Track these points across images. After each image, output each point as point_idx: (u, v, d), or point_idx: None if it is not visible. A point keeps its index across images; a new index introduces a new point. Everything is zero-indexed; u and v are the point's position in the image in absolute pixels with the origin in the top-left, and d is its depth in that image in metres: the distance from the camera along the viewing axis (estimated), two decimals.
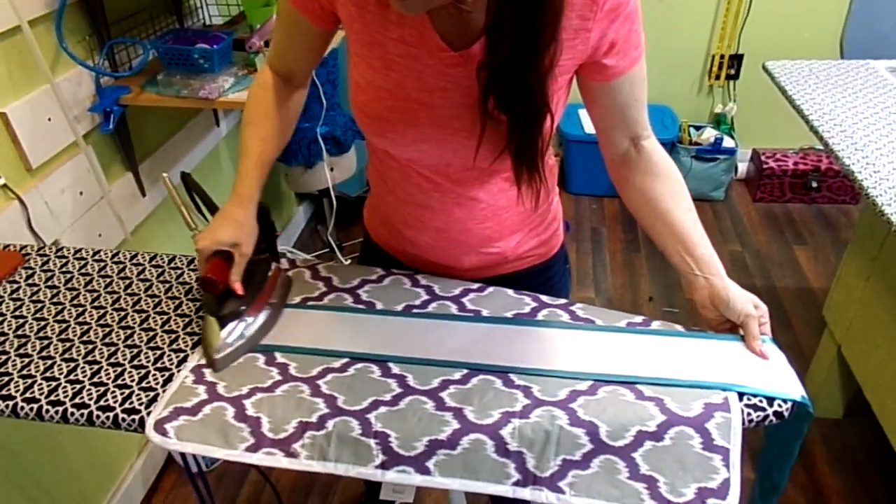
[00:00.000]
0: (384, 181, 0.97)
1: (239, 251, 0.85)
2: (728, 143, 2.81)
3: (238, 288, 0.85)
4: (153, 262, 1.04)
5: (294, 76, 0.95)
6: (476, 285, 0.96)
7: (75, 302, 0.96)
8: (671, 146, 2.81)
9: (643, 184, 0.90)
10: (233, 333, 0.84)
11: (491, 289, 0.96)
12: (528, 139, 0.79)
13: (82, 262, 1.04)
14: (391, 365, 0.83)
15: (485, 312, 0.91)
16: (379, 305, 0.93)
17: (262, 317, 0.87)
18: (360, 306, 0.93)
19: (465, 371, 0.82)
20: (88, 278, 1.01)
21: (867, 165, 1.35)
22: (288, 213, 2.67)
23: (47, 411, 0.78)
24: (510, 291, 0.95)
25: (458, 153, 0.84)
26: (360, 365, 0.83)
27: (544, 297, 0.94)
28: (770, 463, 0.86)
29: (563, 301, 0.94)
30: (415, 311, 0.92)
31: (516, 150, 0.79)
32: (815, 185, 2.77)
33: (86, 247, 1.08)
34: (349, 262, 2.51)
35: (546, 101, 0.76)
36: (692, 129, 2.90)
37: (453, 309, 0.92)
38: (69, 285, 0.99)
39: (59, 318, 0.93)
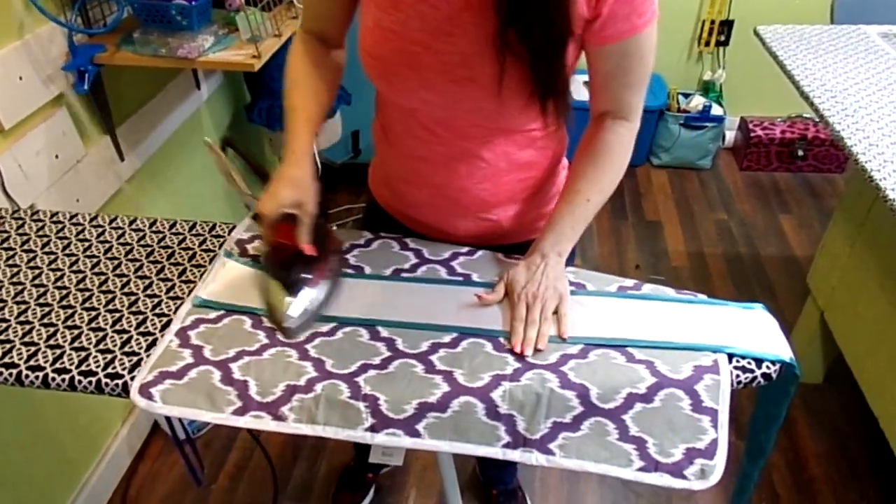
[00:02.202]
0: (387, 135, 0.96)
1: (303, 211, 0.82)
2: (716, 110, 2.80)
3: (309, 249, 0.83)
4: (133, 226, 1.01)
5: (329, 37, 0.93)
6: (465, 249, 0.95)
7: (53, 266, 0.93)
8: (659, 114, 2.80)
9: (581, 157, 0.90)
10: (303, 301, 0.81)
11: (480, 252, 0.95)
12: (553, 70, 0.78)
13: (59, 226, 1.01)
14: (380, 329, 0.82)
15: (475, 276, 0.90)
16: (367, 269, 0.91)
17: (326, 285, 0.85)
18: (349, 270, 0.91)
19: (455, 335, 0.81)
20: (66, 242, 0.98)
21: (857, 131, 1.34)
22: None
23: (27, 376, 0.77)
24: (500, 255, 0.94)
25: (462, 104, 0.82)
26: (348, 329, 0.82)
27: None
28: (758, 426, 0.86)
29: None
30: (404, 274, 0.91)
31: (541, 83, 0.78)
32: (801, 153, 2.78)
33: (63, 210, 1.05)
34: (335, 229, 2.47)
35: (569, 25, 0.75)
36: (680, 97, 2.88)
37: (443, 273, 0.91)
38: (46, 249, 0.96)
39: (36, 282, 0.90)
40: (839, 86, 1.52)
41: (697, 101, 2.81)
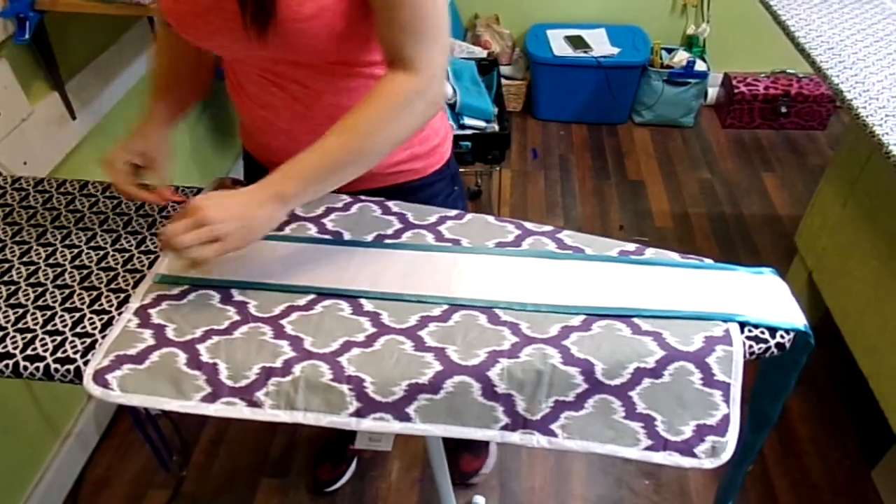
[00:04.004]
0: (234, 89, 0.92)
1: (150, 160, 0.87)
2: (700, 66, 2.73)
3: (170, 194, 0.87)
4: (84, 192, 0.91)
5: None
6: (454, 212, 0.88)
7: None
8: (642, 70, 2.71)
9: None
10: None
11: (470, 216, 0.87)
12: None
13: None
14: (363, 301, 0.74)
15: (464, 242, 0.83)
16: (347, 235, 0.83)
17: None
18: (326, 236, 0.83)
19: (446, 307, 0.74)
20: (8, 209, 0.88)
21: (856, 84, 1.28)
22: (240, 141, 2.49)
23: None
24: (490, 218, 0.87)
25: (239, 45, 0.77)
26: (328, 302, 0.74)
27: (528, 224, 0.86)
28: (764, 394, 0.82)
29: (548, 228, 0.86)
30: (387, 241, 0.83)
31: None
32: (784, 110, 2.73)
33: (3, 173, 0.94)
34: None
35: None
36: (664, 52, 2.79)
37: (430, 238, 0.84)
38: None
39: None
40: (836, 37, 1.46)
41: (681, 57, 2.73)
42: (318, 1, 0.72)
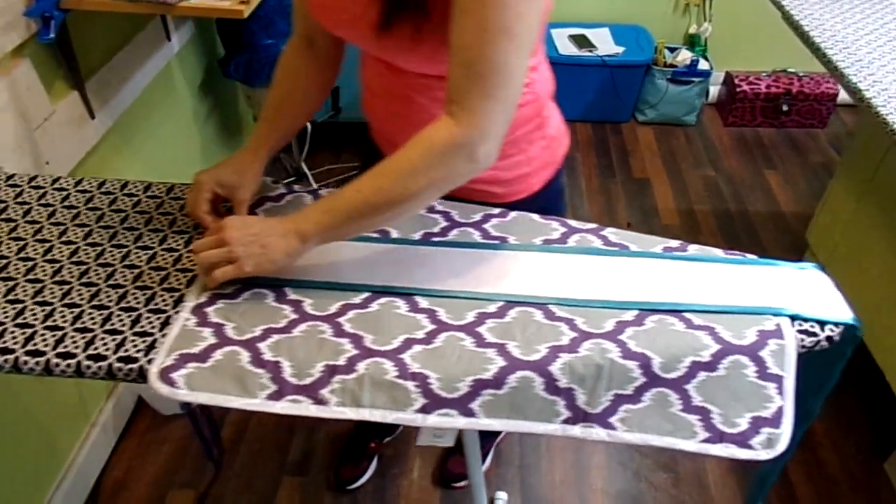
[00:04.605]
0: (361, 70, 0.93)
1: (236, 197, 0.84)
2: (703, 65, 2.75)
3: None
4: (126, 191, 0.91)
5: (314, 38, 0.90)
6: (497, 210, 0.88)
7: (39, 237, 0.83)
8: (646, 69, 2.74)
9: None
10: None
11: (514, 214, 0.88)
12: None
13: (40, 192, 0.90)
14: (418, 299, 0.75)
15: (511, 239, 0.84)
16: (394, 233, 0.84)
17: None
18: (374, 234, 0.84)
19: (501, 303, 0.75)
20: (51, 210, 0.87)
21: (874, 83, 1.31)
22: (248, 138, 2.48)
23: (25, 363, 0.68)
24: (534, 216, 0.88)
25: (361, 42, 0.79)
26: (383, 300, 0.75)
27: (572, 222, 0.87)
28: (806, 389, 0.84)
29: (592, 225, 0.87)
30: (434, 238, 0.84)
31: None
32: (785, 108, 2.77)
33: (41, 174, 0.94)
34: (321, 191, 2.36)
35: None
36: (667, 51, 2.81)
37: (476, 236, 0.84)
38: (28, 217, 0.86)
39: (22, 255, 0.80)
40: (850, 37, 1.48)
41: (684, 56, 2.76)
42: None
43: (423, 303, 0.75)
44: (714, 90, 2.97)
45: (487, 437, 1.56)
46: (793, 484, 1.56)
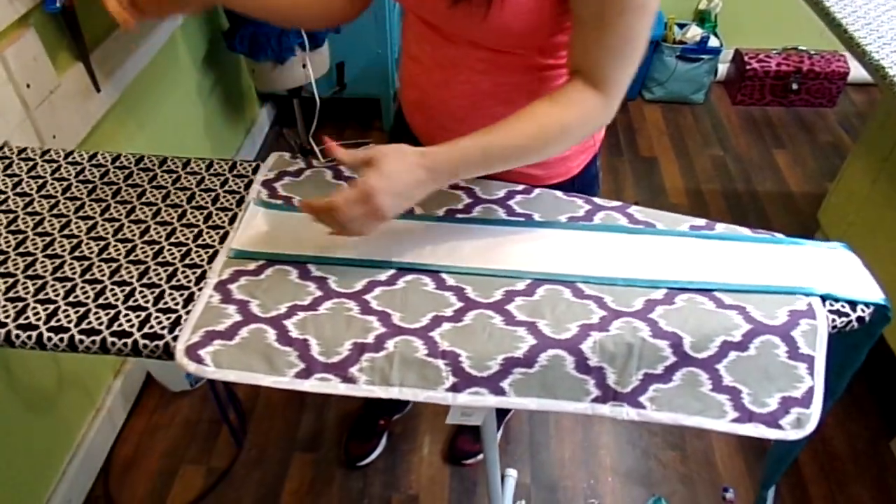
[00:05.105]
0: (404, 37, 0.90)
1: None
2: (713, 42, 2.71)
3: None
4: (140, 165, 0.89)
5: None
6: (521, 187, 0.87)
7: (56, 211, 0.81)
8: (655, 45, 2.70)
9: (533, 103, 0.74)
10: None
11: (538, 191, 0.87)
12: None
13: (54, 165, 0.88)
14: (444, 276, 0.74)
15: (536, 216, 0.83)
16: (417, 210, 0.83)
17: None
18: None
19: (529, 281, 0.74)
20: (66, 184, 0.85)
21: None
22: (251, 114, 2.45)
23: (49, 339, 0.67)
24: (559, 193, 0.87)
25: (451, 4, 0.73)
26: (409, 277, 0.74)
27: (597, 199, 0.86)
28: (831, 370, 0.83)
29: (617, 203, 0.86)
30: (458, 215, 0.82)
31: None
32: (795, 87, 2.74)
33: (53, 147, 0.92)
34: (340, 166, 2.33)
35: None
36: (676, 27, 2.77)
37: (501, 213, 0.83)
38: (43, 192, 0.84)
39: (39, 230, 0.78)
40: (871, 13, 1.45)
41: (694, 32, 2.72)
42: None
43: (449, 280, 0.74)
44: (723, 68, 2.93)
45: (497, 415, 1.56)
46: (799, 463, 1.57)
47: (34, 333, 0.67)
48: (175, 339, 0.66)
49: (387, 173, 0.67)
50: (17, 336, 0.67)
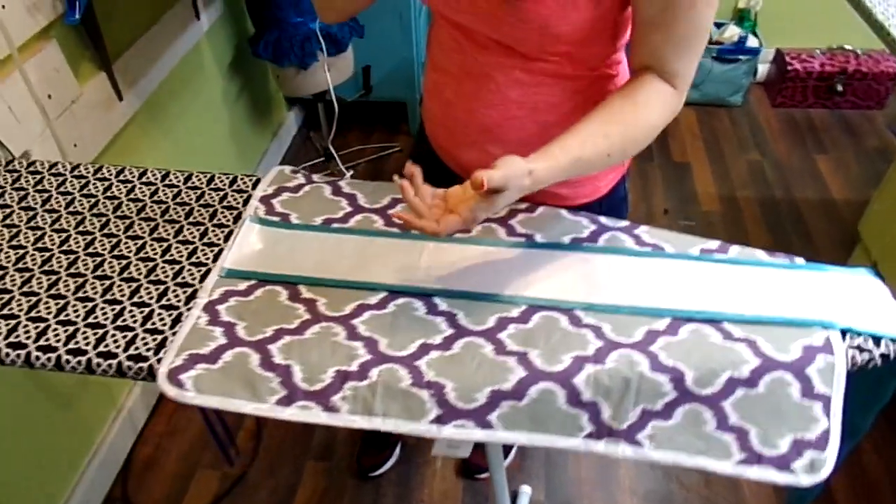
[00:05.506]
0: (430, 48, 0.88)
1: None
2: (751, 41, 2.61)
3: None
4: (143, 179, 0.89)
5: None
6: (524, 205, 0.84)
7: (57, 226, 0.82)
8: None
9: (615, 100, 0.73)
10: None
11: (541, 209, 0.83)
12: None
13: (60, 179, 0.89)
14: (437, 300, 0.71)
15: (538, 237, 0.79)
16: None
17: None
18: (393, 230, 0.80)
19: (524, 307, 0.70)
20: (69, 198, 0.86)
21: None
22: (278, 118, 2.46)
23: (38, 358, 0.67)
24: (563, 212, 0.83)
25: (480, 8, 0.71)
26: (400, 301, 0.72)
27: (603, 219, 0.82)
28: (854, 405, 0.77)
29: (624, 223, 0.82)
30: (457, 235, 0.79)
31: None
32: (840, 88, 2.61)
33: (61, 160, 0.92)
34: (351, 173, 2.34)
35: None
36: (713, 27, 2.67)
37: (501, 232, 0.80)
38: (47, 206, 0.85)
39: (39, 245, 0.79)
40: None
41: (732, 32, 2.62)
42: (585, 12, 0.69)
43: (442, 305, 0.71)
44: (763, 68, 2.82)
45: None
46: (831, 489, 1.49)
47: (23, 352, 0.67)
48: (160, 361, 0.65)
49: (507, 176, 0.62)
50: (7, 354, 0.67)
